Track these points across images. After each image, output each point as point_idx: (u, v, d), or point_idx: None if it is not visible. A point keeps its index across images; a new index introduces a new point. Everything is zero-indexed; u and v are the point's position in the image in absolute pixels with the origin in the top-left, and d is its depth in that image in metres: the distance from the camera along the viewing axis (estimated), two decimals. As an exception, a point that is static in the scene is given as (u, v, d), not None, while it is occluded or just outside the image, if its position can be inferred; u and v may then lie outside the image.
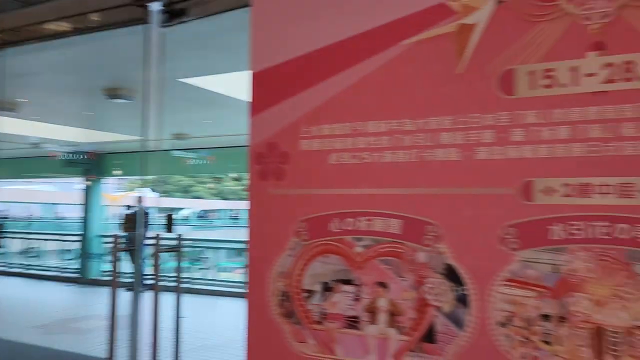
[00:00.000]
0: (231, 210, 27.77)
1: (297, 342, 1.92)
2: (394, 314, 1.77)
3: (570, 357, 1.51)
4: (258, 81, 2.03)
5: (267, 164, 2.00)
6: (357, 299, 1.83)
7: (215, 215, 27.64)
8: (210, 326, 6.79)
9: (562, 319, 1.53)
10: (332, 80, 1.87)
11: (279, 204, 1.98)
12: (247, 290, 2.05)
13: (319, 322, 1.89)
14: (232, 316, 7.62)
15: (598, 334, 1.49)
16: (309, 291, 1.92)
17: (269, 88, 2.00)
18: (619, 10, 1.49)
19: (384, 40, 1.78)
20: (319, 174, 1.90)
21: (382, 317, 1.78)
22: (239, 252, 11.37)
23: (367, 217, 1.82)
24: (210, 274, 10.58)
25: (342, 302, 1.86)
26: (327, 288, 1.89)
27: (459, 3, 1.69)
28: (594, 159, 1.51)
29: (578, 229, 1.51)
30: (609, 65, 1.50)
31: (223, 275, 10.87)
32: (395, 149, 1.77)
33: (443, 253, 1.69)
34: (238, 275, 10.91)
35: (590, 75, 1.52)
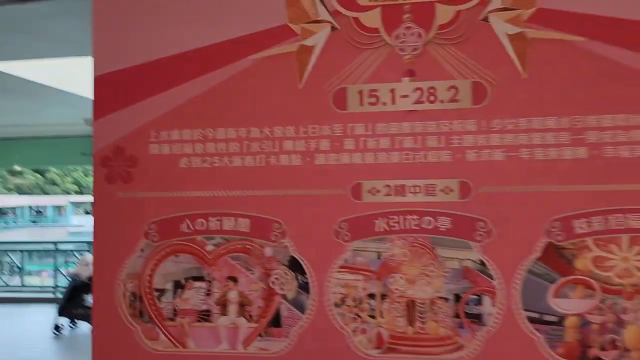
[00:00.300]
0: (33, 207, 24.74)
1: (148, 340, 1.98)
2: (243, 305, 1.94)
3: (390, 326, 1.85)
4: (102, 84, 2.01)
5: (114, 167, 2.00)
6: (208, 293, 1.96)
7: (13, 213, 24.37)
8: (17, 337, 6.17)
9: (383, 296, 1.86)
10: (181, 87, 1.96)
11: (127, 207, 2.00)
12: (94, 294, 2.02)
13: (171, 319, 1.97)
14: (41, 324, 6.99)
15: (410, 306, 1.85)
16: (160, 290, 1.99)
17: (115, 92, 2.00)
18: (425, 46, 1.86)
19: (233, 53, 1.92)
20: (170, 178, 1.97)
21: (233, 308, 1.94)
22: (46, 253, 10.36)
23: (217, 218, 1.95)
24: (13, 280, 9.47)
25: (194, 297, 1.97)
26: (179, 286, 1.98)
27: (299, 26, 1.91)
28: (407, 165, 1.86)
29: (396, 222, 1.85)
30: (418, 89, 1.86)
31: (29, 280, 9.81)
32: (244, 155, 1.94)
33: (287, 247, 1.91)
34: (46, 279, 9.96)
35: (404, 96, 1.86)
